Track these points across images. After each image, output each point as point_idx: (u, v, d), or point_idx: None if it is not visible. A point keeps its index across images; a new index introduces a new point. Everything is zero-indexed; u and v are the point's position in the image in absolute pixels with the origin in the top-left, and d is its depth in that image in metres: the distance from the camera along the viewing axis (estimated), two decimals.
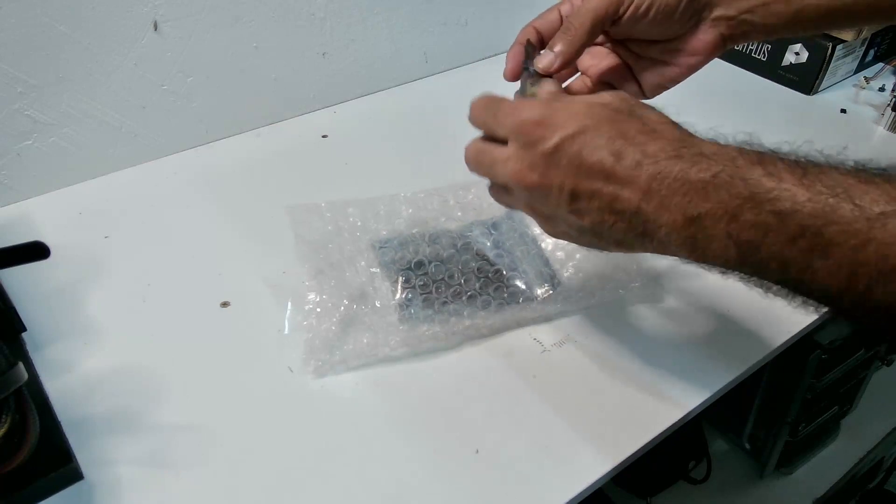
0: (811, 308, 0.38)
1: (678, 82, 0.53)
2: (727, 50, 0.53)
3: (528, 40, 0.51)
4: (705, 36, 0.51)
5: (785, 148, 0.39)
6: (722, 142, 0.39)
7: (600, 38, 0.54)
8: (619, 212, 0.40)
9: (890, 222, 0.33)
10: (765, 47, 0.94)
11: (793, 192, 0.35)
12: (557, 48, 0.49)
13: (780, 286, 0.38)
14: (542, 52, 0.50)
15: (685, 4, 0.49)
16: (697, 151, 0.38)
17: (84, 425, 0.51)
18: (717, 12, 0.50)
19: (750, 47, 0.96)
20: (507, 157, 0.43)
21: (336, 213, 0.66)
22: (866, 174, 0.35)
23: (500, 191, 0.47)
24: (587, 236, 0.44)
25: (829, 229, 0.34)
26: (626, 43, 0.53)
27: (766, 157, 0.37)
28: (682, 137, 0.40)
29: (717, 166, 0.37)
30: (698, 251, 0.39)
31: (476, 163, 0.46)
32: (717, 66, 0.98)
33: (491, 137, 0.45)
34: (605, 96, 0.43)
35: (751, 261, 0.37)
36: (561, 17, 0.52)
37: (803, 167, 0.36)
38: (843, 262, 0.34)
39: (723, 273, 0.40)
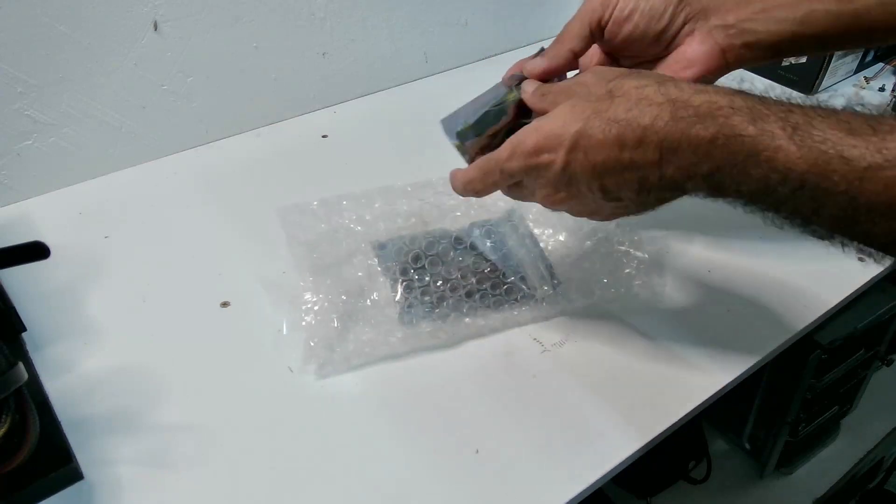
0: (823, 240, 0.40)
1: None
2: (736, 66, 0.51)
3: (542, 48, 0.52)
4: (701, 46, 0.50)
5: (777, 91, 0.41)
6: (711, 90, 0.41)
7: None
8: (649, 187, 0.42)
9: (877, 175, 0.35)
10: None
11: (786, 150, 0.37)
12: (547, 52, 0.51)
13: (794, 222, 0.40)
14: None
15: (672, 9, 0.49)
16: (692, 112, 0.39)
17: (84, 425, 0.51)
18: (713, 21, 0.50)
19: None
20: (531, 192, 0.47)
21: (330, 210, 0.66)
22: (853, 124, 0.36)
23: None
24: (633, 209, 0.46)
25: (824, 183, 0.36)
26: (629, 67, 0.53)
27: (757, 113, 0.38)
28: (671, 98, 0.40)
29: (714, 126, 0.39)
30: (719, 197, 0.41)
31: (516, 201, 0.51)
32: None
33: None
34: (585, 80, 0.44)
35: (763, 204, 0.40)
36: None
37: (793, 123, 0.37)
38: (841, 208, 0.36)
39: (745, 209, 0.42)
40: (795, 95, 0.40)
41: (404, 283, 0.59)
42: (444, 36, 0.94)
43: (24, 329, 0.57)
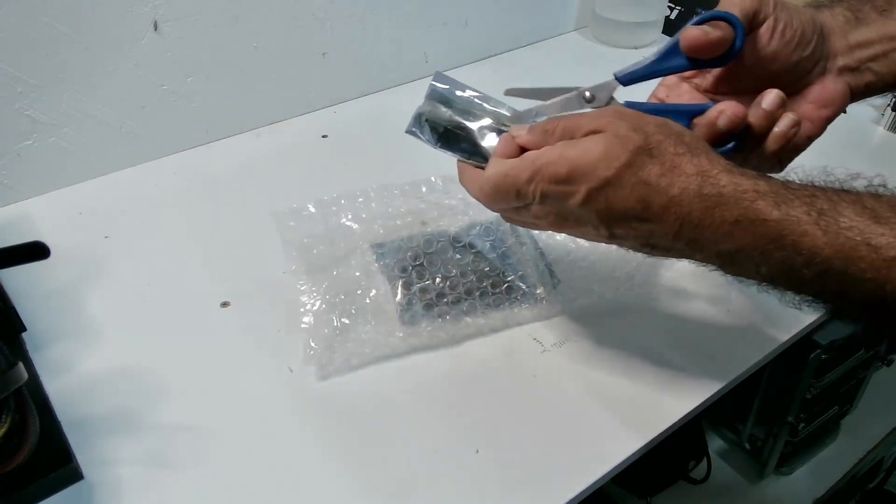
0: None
1: (812, 141, 0.49)
2: (857, 100, 0.50)
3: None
4: (835, 86, 0.49)
5: (800, 173, 0.41)
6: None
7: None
8: (654, 245, 0.43)
9: None
10: None
11: (812, 235, 0.37)
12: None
13: (815, 304, 0.40)
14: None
15: (816, 40, 0.47)
16: (717, 192, 0.39)
17: (84, 425, 0.51)
18: (841, 62, 0.49)
19: None
20: (535, 216, 0.45)
21: (326, 210, 0.65)
22: (878, 211, 0.37)
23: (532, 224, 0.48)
24: (629, 249, 0.46)
25: (851, 269, 0.36)
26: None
27: (782, 197, 0.38)
28: (702, 170, 0.40)
29: (737, 209, 0.39)
30: (732, 274, 0.42)
31: (512, 222, 0.50)
32: None
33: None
34: (622, 128, 0.42)
35: (783, 286, 0.40)
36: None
37: (818, 208, 0.38)
38: (868, 294, 0.37)
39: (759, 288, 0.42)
40: (818, 179, 0.40)
41: (403, 282, 0.59)
42: (444, 36, 0.94)
43: (24, 329, 0.57)
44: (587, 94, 0.49)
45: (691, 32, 0.46)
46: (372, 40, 0.88)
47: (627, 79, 0.48)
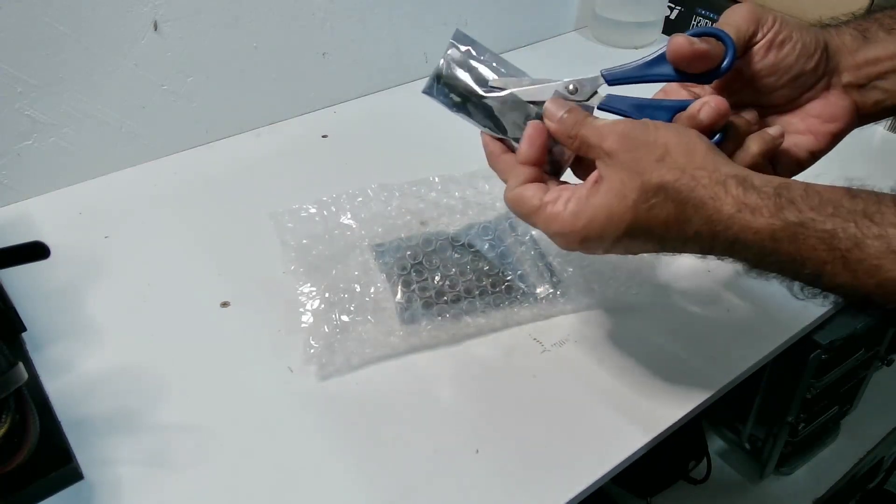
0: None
1: (817, 157, 0.48)
2: (861, 125, 0.49)
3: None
4: (839, 101, 0.47)
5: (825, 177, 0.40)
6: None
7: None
8: (690, 252, 0.43)
9: None
10: None
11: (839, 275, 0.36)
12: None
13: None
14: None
15: (820, 54, 0.46)
16: (732, 236, 0.39)
17: (84, 425, 0.51)
18: (846, 78, 0.48)
19: None
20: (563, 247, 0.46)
21: (326, 210, 0.65)
22: None
23: None
24: None
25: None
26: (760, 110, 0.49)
27: (805, 230, 0.37)
28: (709, 218, 0.39)
29: (757, 252, 0.39)
30: (769, 274, 0.41)
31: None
32: None
33: None
34: (621, 178, 0.41)
35: (820, 287, 0.39)
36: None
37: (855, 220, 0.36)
38: None
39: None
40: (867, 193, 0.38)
41: (403, 280, 0.59)
42: (444, 36, 0.93)
43: (24, 329, 0.57)
44: (570, 86, 0.48)
45: (677, 40, 0.45)
46: (372, 40, 0.88)
47: (613, 78, 0.48)
